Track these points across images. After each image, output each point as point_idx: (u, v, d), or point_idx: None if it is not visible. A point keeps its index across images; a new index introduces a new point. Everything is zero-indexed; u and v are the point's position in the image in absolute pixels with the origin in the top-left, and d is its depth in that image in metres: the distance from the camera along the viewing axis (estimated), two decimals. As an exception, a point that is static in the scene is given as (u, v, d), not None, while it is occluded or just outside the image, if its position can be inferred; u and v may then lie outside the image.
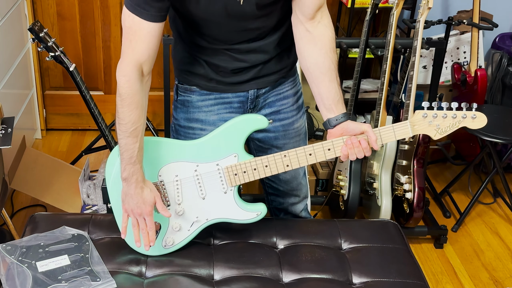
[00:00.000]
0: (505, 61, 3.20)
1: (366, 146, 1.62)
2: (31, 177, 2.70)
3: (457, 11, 3.43)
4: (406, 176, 2.57)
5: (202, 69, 1.76)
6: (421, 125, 1.62)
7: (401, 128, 1.63)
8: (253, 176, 1.67)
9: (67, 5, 3.34)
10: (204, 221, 1.70)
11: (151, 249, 1.65)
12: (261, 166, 1.67)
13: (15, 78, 3.05)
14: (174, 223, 1.68)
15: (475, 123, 1.63)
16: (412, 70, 2.50)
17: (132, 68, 1.56)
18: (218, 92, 1.79)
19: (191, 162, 1.67)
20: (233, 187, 1.67)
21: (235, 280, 1.63)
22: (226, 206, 1.68)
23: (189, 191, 1.67)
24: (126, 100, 1.55)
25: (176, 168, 1.67)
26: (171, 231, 1.68)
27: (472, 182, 3.22)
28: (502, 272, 2.68)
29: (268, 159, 1.66)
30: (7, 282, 1.55)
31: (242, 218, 1.70)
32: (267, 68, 1.77)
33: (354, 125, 1.64)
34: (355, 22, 3.40)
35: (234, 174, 1.66)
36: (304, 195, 2.02)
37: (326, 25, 1.68)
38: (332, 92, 1.68)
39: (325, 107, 1.70)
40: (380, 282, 1.65)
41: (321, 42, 1.67)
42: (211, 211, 1.68)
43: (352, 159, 1.63)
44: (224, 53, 1.71)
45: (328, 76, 1.68)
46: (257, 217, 1.70)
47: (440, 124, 1.62)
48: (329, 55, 1.68)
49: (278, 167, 1.66)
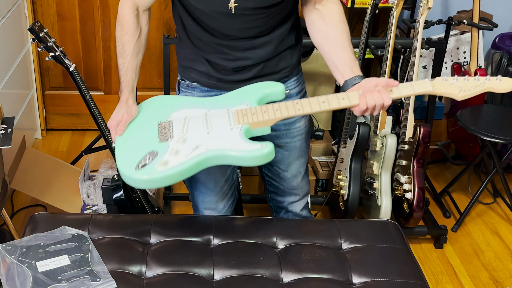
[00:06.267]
0: (505, 61, 3.20)
1: (384, 91, 1.55)
2: (31, 177, 2.70)
3: (457, 11, 3.43)
4: (406, 176, 2.57)
5: (204, 67, 1.77)
6: (442, 84, 1.55)
7: (419, 84, 1.56)
8: (262, 116, 1.57)
9: (67, 5, 3.34)
10: (204, 149, 1.54)
11: (143, 169, 1.54)
12: (272, 109, 1.59)
13: (15, 78, 3.05)
14: (173, 148, 1.57)
15: (501, 85, 1.53)
16: (412, 70, 2.50)
17: (128, 6, 1.75)
18: (219, 89, 1.80)
19: (203, 109, 1.67)
20: (240, 125, 1.58)
21: (235, 280, 1.63)
22: (230, 138, 1.56)
23: (195, 126, 1.62)
24: (119, 26, 1.75)
25: (187, 112, 1.68)
26: (167, 155, 1.56)
27: (472, 182, 3.22)
28: (502, 272, 2.69)
29: (280, 104, 1.59)
30: (7, 282, 1.55)
31: (245, 148, 1.52)
32: (269, 67, 1.77)
33: (370, 80, 1.61)
34: (355, 22, 3.40)
35: (243, 114, 1.59)
36: (305, 193, 2.02)
37: (333, 2, 1.72)
38: (346, 59, 1.68)
39: (340, 73, 1.69)
40: (380, 282, 1.65)
41: (330, 15, 1.71)
42: (214, 141, 1.56)
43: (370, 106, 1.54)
44: (225, 50, 1.72)
45: (341, 45, 1.69)
46: (261, 149, 1.51)
47: (462, 85, 1.55)
48: (339, 26, 1.70)
49: (289, 110, 1.58)
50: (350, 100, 1.56)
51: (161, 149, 1.57)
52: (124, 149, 1.65)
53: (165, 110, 1.70)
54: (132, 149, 1.62)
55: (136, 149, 1.61)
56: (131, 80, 1.75)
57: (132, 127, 1.70)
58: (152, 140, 1.61)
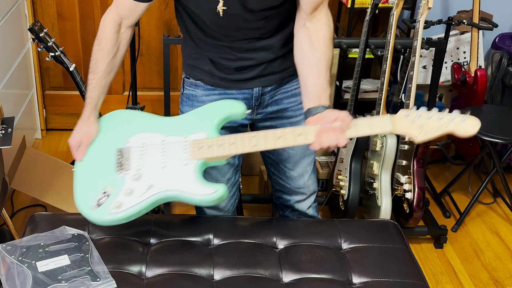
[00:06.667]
0: (505, 61, 3.20)
1: (340, 131, 1.53)
2: (31, 177, 2.70)
3: (457, 11, 3.43)
4: (406, 176, 2.57)
5: (207, 66, 1.78)
6: (403, 123, 1.51)
7: (379, 121, 1.54)
8: (217, 151, 1.58)
9: (67, 5, 3.34)
10: (157, 190, 1.56)
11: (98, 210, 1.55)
12: (228, 143, 1.58)
13: (15, 78, 3.05)
14: (127, 187, 1.58)
15: (464, 128, 1.46)
16: (412, 70, 2.50)
17: (112, 19, 1.72)
18: (222, 88, 1.80)
19: (161, 134, 1.66)
20: (196, 160, 1.58)
21: (235, 280, 1.63)
22: (183, 178, 1.57)
23: (151, 158, 1.62)
24: (97, 40, 1.74)
25: (145, 137, 1.67)
26: (121, 195, 1.58)
27: (472, 182, 3.22)
28: (502, 272, 2.69)
29: (236, 137, 1.59)
30: (7, 282, 1.55)
31: (198, 192, 1.55)
32: (272, 67, 1.77)
33: (331, 112, 1.58)
34: (355, 22, 3.40)
35: (199, 147, 1.59)
36: (311, 192, 2.02)
37: (323, 23, 1.68)
38: (318, 85, 1.66)
39: (308, 98, 1.66)
40: (380, 282, 1.65)
41: (316, 36, 1.67)
42: (167, 181, 1.57)
43: (324, 146, 1.54)
44: (227, 50, 1.72)
45: (316, 70, 1.66)
46: (213, 193, 1.54)
47: (423, 124, 1.50)
48: (321, 50, 1.67)
49: (244, 146, 1.57)
50: (306, 138, 1.56)
51: (117, 185, 1.59)
52: (82, 180, 1.65)
53: (124, 132, 1.69)
54: (89, 181, 1.63)
55: (93, 182, 1.62)
56: (96, 97, 1.73)
57: (91, 152, 1.68)
58: (109, 172, 1.62)
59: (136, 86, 3.07)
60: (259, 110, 1.86)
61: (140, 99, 3.20)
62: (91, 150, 1.68)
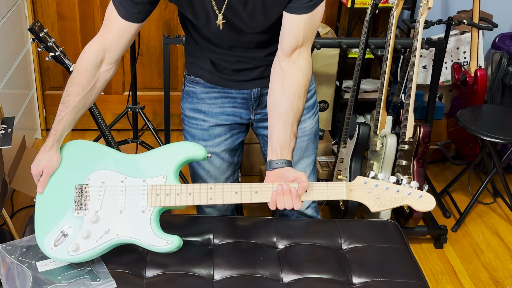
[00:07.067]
0: (505, 61, 3.20)
1: (296, 196, 1.52)
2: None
3: (457, 11, 3.43)
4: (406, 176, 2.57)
5: (207, 65, 1.79)
6: (360, 191, 1.52)
7: (335, 187, 1.54)
8: (175, 201, 1.58)
9: (67, 5, 3.34)
10: (114, 236, 1.59)
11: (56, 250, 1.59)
12: (185, 193, 1.58)
13: (15, 78, 3.05)
14: (85, 229, 1.60)
15: (420, 204, 1.50)
16: (412, 70, 2.50)
17: (94, 51, 1.63)
18: (222, 86, 1.81)
19: (121, 174, 1.63)
20: (153, 207, 1.59)
21: (235, 280, 1.63)
22: (140, 226, 1.59)
23: (110, 201, 1.61)
24: (73, 73, 1.64)
25: (105, 175, 1.63)
26: (78, 237, 1.60)
27: (472, 182, 3.22)
28: (502, 272, 2.69)
29: (194, 188, 1.58)
30: (7, 282, 1.55)
31: (152, 244, 1.58)
32: None
33: (290, 171, 1.56)
34: (355, 22, 3.40)
35: (157, 194, 1.59)
36: None
37: (300, 68, 1.61)
38: (282, 137, 1.61)
39: (271, 148, 1.63)
40: (380, 282, 1.65)
41: (289, 84, 1.61)
42: (124, 227, 1.59)
43: (280, 208, 1.54)
44: (226, 52, 1.73)
45: (283, 120, 1.61)
46: (167, 246, 1.57)
47: (380, 195, 1.51)
48: (292, 100, 1.60)
49: (201, 198, 1.58)
50: (262, 197, 1.57)
51: (74, 226, 1.61)
52: (42, 216, 1.65)
53: (84, 167, 1.66)
54: (49, 218, 1.64)
55: (52, 219, 1.63)
56: (62, 130, 1.65)
57: (51, 184, 1.67)
58: (68, 210, 1.62)
59: (136, 86, 3.07)
60: (258, 110, 1.86)
61: (140, 99, 3.20)
62: (51, 182, 1.67)
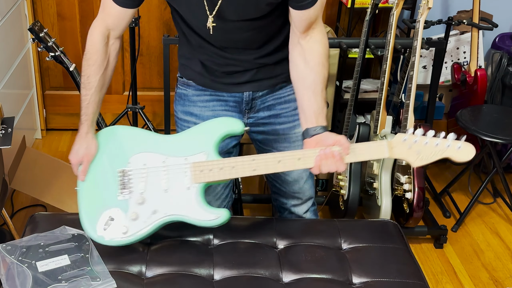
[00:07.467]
0: (505, 61, 3.20)
1: (339, 158, 1.55)
2: (31, 177, 2.70)
3: (457, 11, 3.43)
4: (406, 176, 2.58)
5: (198, 67, 1.79)
6: (400, 148, 1.55)
7: (377, 147, 1.57)
8: (218, 175, 1.61)
9: (67, 5, 3.34)
10: (162, 215, 1.62)
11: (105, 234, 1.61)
12: (228, 167, 1.60)
13: (15, 78, 3.05)
14: (132, 211, 1.63)
15: (460, 155, 1.53)
16: (412, 70, 2.50)
17: (99, 32, 1.70)
18: (213, 89, 1.80)
19: (161, 154, 1.66)
20: (197, 184, 1.62)
21: (235, 280, 1.63)
22: (187, 203, 1.62)
23: (153, 182, 1.64)
24: (86, 55, 1.70)
25: (146, 157, 1.66)
26: (127, 220, 1.63)
27: (472, 182, 3.22)
28: (502, 272, 2.69)
29: (236, 161, 1.61)
30: (7, 282, 1.55)
31: (201, 218, 1.62)
32: (264, 73, 1.77)
33: (330, 136, 1.59)
34: (355, 22, 3.40)
35: (200, 170, 1.61)
36: (307, 198, 2.01)
37: (317, 41, 1.66)
38: (314, 105, 1.65)
39: (305, 118, 1.67)
40: (380, 282, 1.65)
41: (310, 55, 1.65)
42: (171, 205, 1.63)
43: (323, 172, 1.57)
44: (215, 55, 1.73)
45: (312, 89, 1.65)
46: (216, 219, 1.61)
47: (420, 150, 1.54)
48: (316, 69, 1.65)
49: (245, 170, 1.60)
50: (306, 163, 1.58)
51: (121, 209, 1.64)
52: (87, 202, 1.67)
53: (123, 152, 1.68)
54: (94, 203, 1.66)
55: (98, 205, 1.66)
56: (92, 113, 1.69)
57: (92, 171, 1.69)
58: (113, 194, 1.65)
59: (136, 86, 3.07)
60: (251, 114, 1.86)
61: (140, 99, 3.20)
62: (92, 169, 1.69)
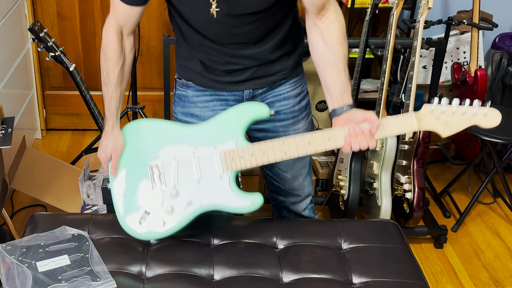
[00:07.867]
0: (505, 61, 3.20)
1: (369, 135, 1.55)
2: (31, 177, 2.70)
3: (457, 11, 3.43)
4: (406, 176, 2.58)
5: (197, 67, 1.78)
6: (428, 120, 1.53)
7: (405, 120, 1.55)
8: (250, 162, 1.62)
9: (67, 5, 3.34)
10: (197, 205, 1.65)
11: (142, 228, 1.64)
12: (259, 152, 1.62)
13: (15, 78, 3.05)
14: (167, 204, 1.66)
15: (487, 121, 1.52)
16: (412, 70, 2.50)
17: (113, 30, 1.71)
18: (213, 89, 1.80)
19: (190, 145, 1.67)
20: (229, 172, 1.64)
21: (235, 280, 1.63)
22: (220, 191, 1.64)
23: (185, 173, 1.65)
24: (103, 53, 1.73)
25: (175, 149, 1.68)
26: (162, 213, 1.66)
27: (472, 182, 3.22)
28: (502, 272, 2.69)
29: (267, 146, 1.61)
30: (7, 282, 1.55)
31: (236, 206, 1.64)
32: (263, 70, 1.77)
33: (358, 113, 1.60)
34: (355, 22, 3.40)
35: (231, 159, 1.63)
36: (306, 195, 2.02)
37: (332, 20, 1.67)
38: (339, 84, 1.66)
39: (331, 97, 1.68)
40: (380, 282, 1.65)
41: (328, 35, 1.67)
42: (205, 196, 1.65)
43: (355, 150, 1.57)
44: (215, 53, 1.72)
45: (335, 68, 1.66)
46: (251, 205, 1.63)
47: (448, 119, 1.52)
48: (336, 48, 1.66)
49: (276, 154, 1.61)
50: (336, 142, 1.58)
51: (156, 203, 1.67)
52: (121, 198, 1.70)
53: (152, 145, 1.70)
54: (128, 199, 1.70)
55: (132, 200, 1.69)
56: (115, 109, 1.74)
57: (122, 166, 1.71)
58: (146, 188, 1.68)
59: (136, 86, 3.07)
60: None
61: (140, 99, 3.20)
62: (122, 165, 1.71)
